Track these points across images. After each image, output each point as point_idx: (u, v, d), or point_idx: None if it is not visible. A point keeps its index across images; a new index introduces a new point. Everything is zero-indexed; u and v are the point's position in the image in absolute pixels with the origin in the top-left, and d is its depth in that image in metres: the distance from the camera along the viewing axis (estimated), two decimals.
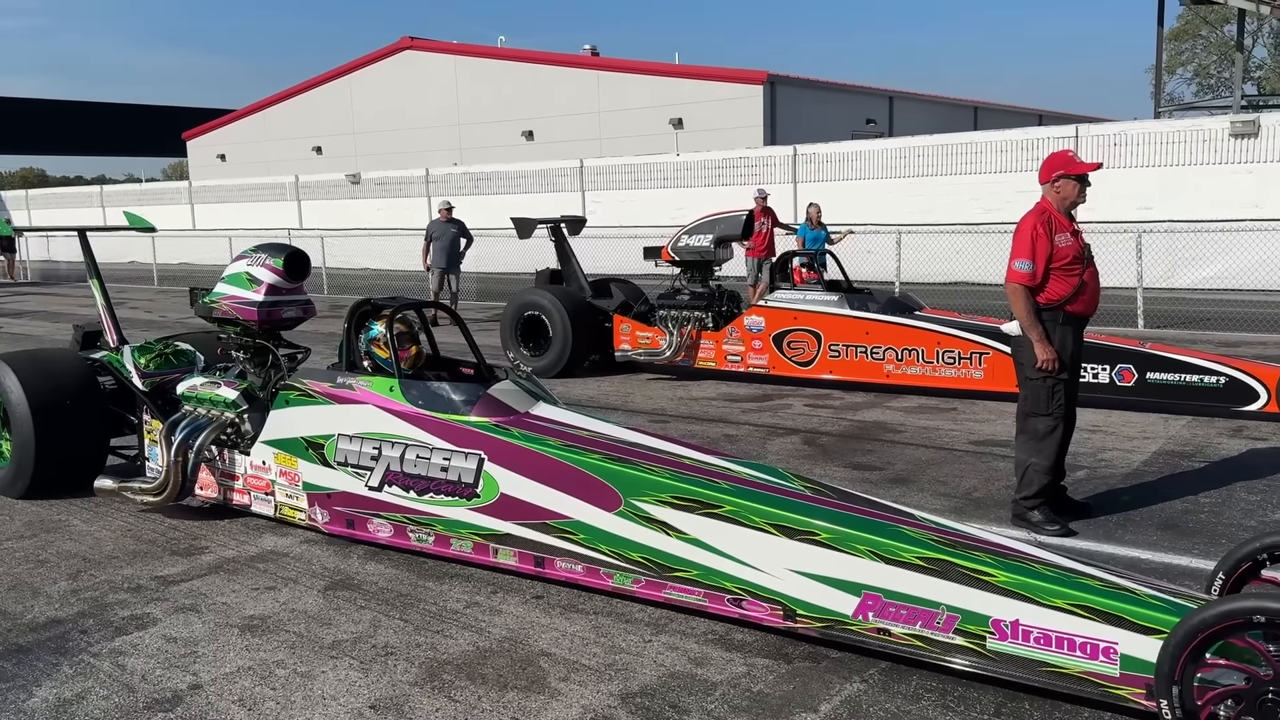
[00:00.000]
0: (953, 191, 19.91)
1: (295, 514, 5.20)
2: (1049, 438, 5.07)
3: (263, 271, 5.71)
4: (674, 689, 3.52)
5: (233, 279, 5.80)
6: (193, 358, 6.23)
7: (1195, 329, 12.07)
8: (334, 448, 4.96)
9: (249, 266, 5.77)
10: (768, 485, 4.12)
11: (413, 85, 36.71)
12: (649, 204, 23.75)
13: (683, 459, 4.38)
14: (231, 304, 5.73)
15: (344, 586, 4.55)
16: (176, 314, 16.63)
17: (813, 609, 3.69)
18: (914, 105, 36.78)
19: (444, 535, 4.66)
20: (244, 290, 5.71)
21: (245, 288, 5.71)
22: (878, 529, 3.68)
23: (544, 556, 4.38)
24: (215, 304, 5.82)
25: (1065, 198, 5.06)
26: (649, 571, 4.08)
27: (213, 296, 5.85)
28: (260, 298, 5.67)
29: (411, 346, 5.15)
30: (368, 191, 30.50)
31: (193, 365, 6.16)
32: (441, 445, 4.64)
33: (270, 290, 5.69)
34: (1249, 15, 28.60)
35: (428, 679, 3.63)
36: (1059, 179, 5.05)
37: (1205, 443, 6.80)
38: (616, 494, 4.16)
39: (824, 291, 9.36)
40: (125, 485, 5.61)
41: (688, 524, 3.98)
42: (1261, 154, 17.05)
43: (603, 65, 33.56)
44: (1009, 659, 3.30)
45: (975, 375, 8.29)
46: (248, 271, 5.75)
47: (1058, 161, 5.10)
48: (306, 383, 5.19)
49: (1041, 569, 3.38)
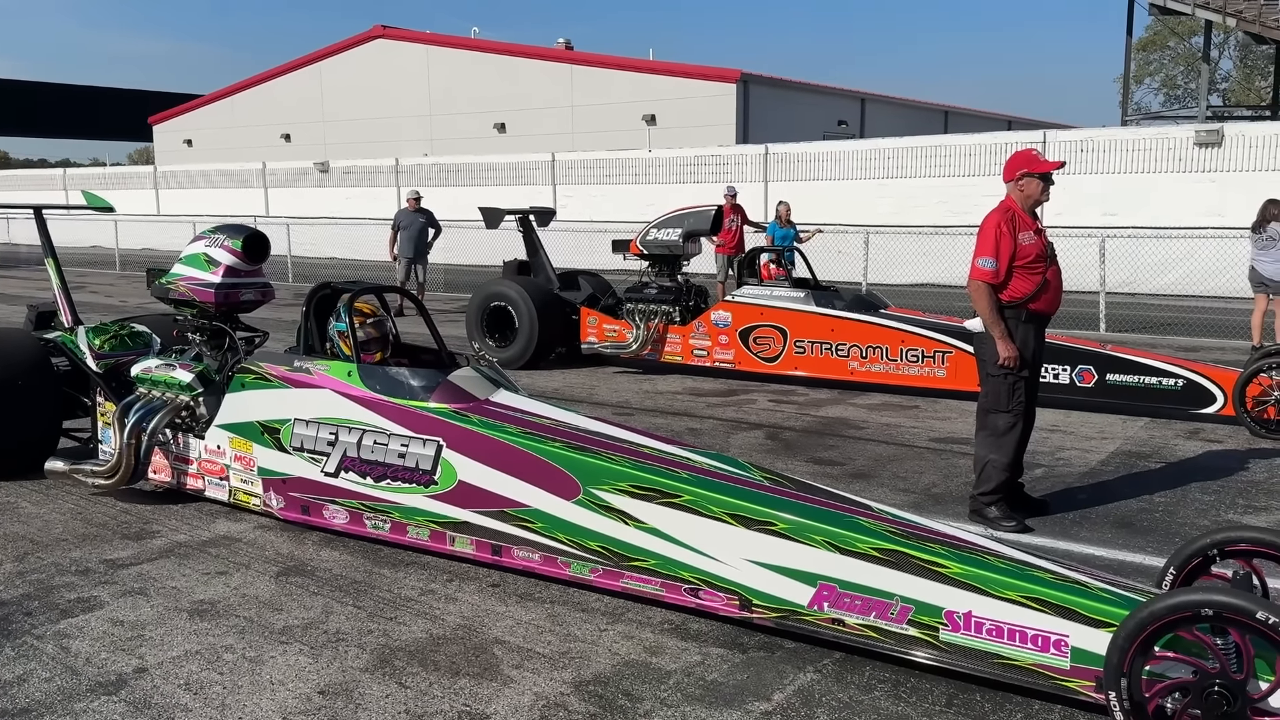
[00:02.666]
0: (922, 194, 20.05)
1: (250, 499, 5.13)
2: (1008, 434, 5.10)
3: (221, 253, 5.62)
4: (628, 677, 3.50)
5: (190, 260, 5.70)
6: (148, 340, 6.12)
7: (1156, 333, 12.22)
8: (290, 432, 4.90)
9: (207, 248, 5.68)
10: (726, 475, 4.10)
11: (384, 74, 36.42)
12: (621, 199, 23.71)
13: (643, 448, 4.35)
14: (188, 285, 5.63)
15: (297, 572, 4.49)
16: (137, 299, 16.38)
17: (769, 599, 3.68)
18: (885, 108, 36.99)
19: (400, 522, 4.60)
20: (201, 271, 5.62)
21: (203, 269, 5.62)
22: (834, 520, 3.68)
23: (501, 545, 4.34)
24: (172, 285, 5.72)
25: (1029, 196, 5.09)
26: (607, 561, 4.05)
27: (169, 277, 5.76)
28: (218, 279, 5.58)
29: (377, 352, 5.07)
30: (336, 180, 30.23)
31: (148, 347, 6.04)
32: (399, 431, 4.58)
33: (228, 272, 5.61)
34: (1215, 28, 29.02)
35: (379, 665, 3.58)
36: (1023, 177, 5.08)
37: (1162, 444, 6.87)
38: (575, 482, 4.12)
39: (791, 288, 9.38)
40: (76, 467, 5.52)
41: (646, 513, 3.95)
42: (1224, 163, 17.32)
43: (577, 59, 33.46)
44: (961, 650, 3.31)
45: (938, 374, 8.35)
46: (205, 253, 5.66)
47: (1022, 160, 5.12)
48: (263, 366, 5.11)
49: (994, 561, 3.39)
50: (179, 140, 44.17)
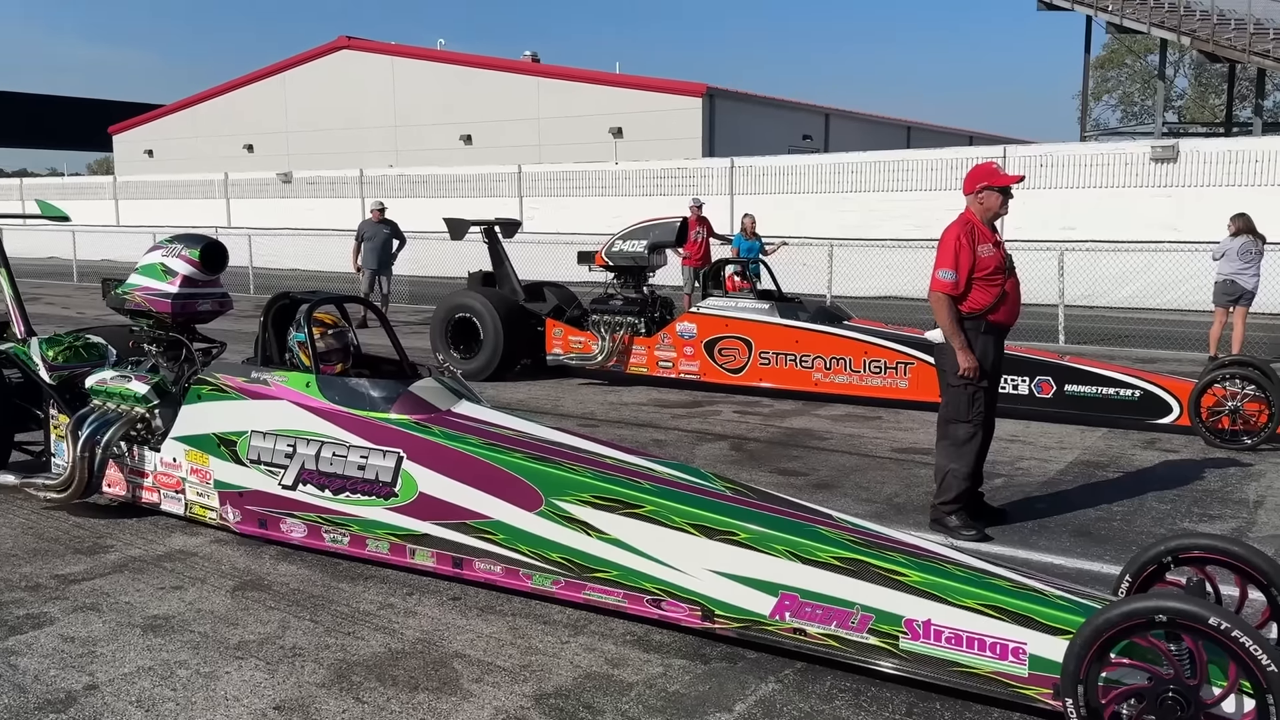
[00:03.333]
0: (885, 207, 20.23)
1: (206, 513, 5.05)
2: (968, 444, 5.14)
3: (178, 263, 5.55)
4: (589, 690, 3.48)
5: (147, 270, 5.62)
6: (103, 351, 6.01)
7: (1114, 345, 12.39)
8: (247, 445, 4.83)
9: (164, 257, 5.60)
10: (689, 485, 4.10)
11: (349, 85, 36.20)
12: (587, 212, 23.71)
13: (605, 459, 4.34)
14: (145, 295, 5.55)
15: (254, 587, 4.42)
16: (95, 310, 16.12)
17: (731, 609, 3.68)
18: (849, 123, 37.32)
19: (360, 535, 4.54)
20: (158, 281, 5.54)
21: (159, 279, 5.54)
22: (796, 529, 3.68)
23: (462, 557, 4.29)
24: (128, 295, 5.63)
25: (989, 209, 5.15)
26: (569, 572, 4.03)
27: (125, 288, 5.67)
28: (175, 289, 5.50)
29: (338, 364, 5.02)
30: (299, 191, 29.97)
31: (103, 359, 5.94)
32: (359, 443, 4.53)
33: (185, 282, 5.53)
34: (1171, 46, 29.60)
35: (336, 680, 3.53)
36: (983, 190, 5.14)
37: (1120, 454, 6.96)
38: (538, 493, 4.09)
39: (755, 300, 9.41)
40: (28, 481, 5.42)
41: (608, 524, 3.93)
42: (1180, 179, 17.64)
43: (543, 72, 33.47)
44: (921, 659, 3.31)
45: (900, 385, 8.40)
46: (162, 262, 5.58)
47: (982, 173, 5.18)
48: (220, 377, 5.05)
49: (953, 569, 3.42)
50: (139, 150, 43.61)
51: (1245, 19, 24.55)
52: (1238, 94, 31.44)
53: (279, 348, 5.11)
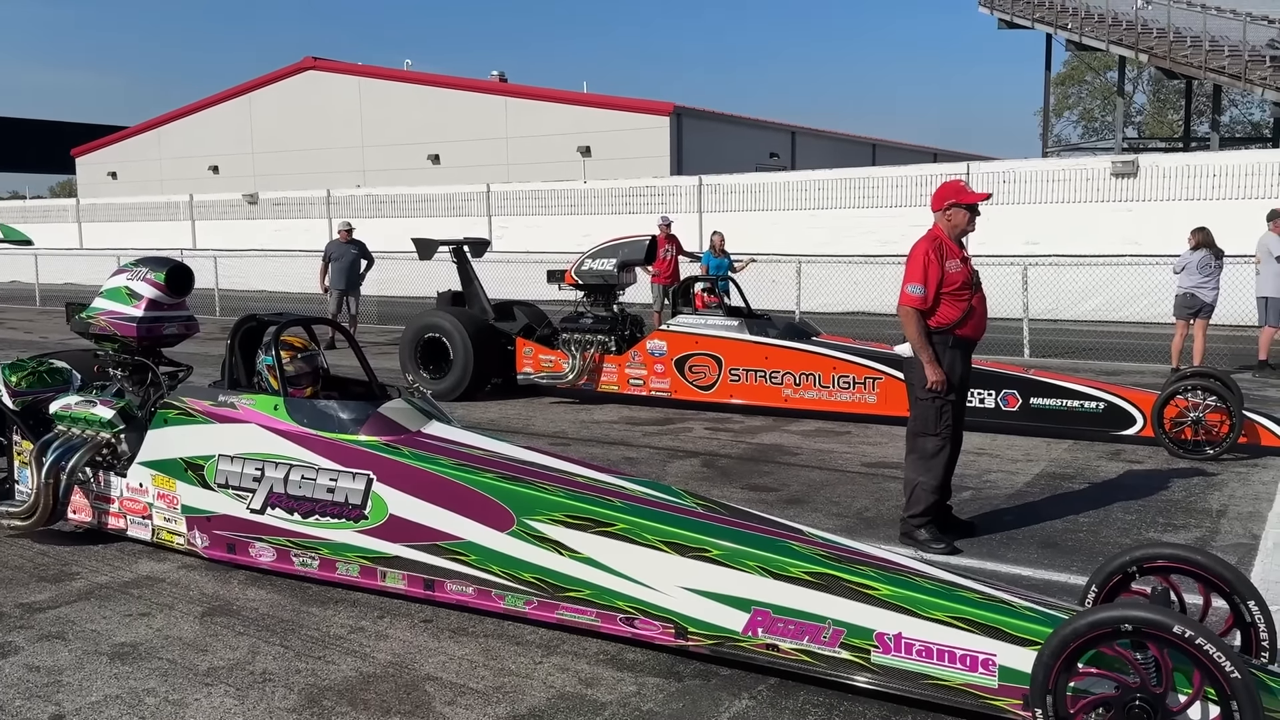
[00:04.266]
0: (851, 224, 20.43)
1: (174, 538, 4.99)
2: (937, 457, 5.20)
3: (143, 286, 5.50)
4: (563, 710, 3.47)
5: (111, 294, 5.57)
6: (68, 376, 5.89)
7: (1078, 358, 12.56)
8: (214, 469, 4.78)
9: (129, 280, 5.55)
10: (661, 503, 4.10)
11: (315, 106, 36.12)
12: (556, 230, 23.76)
13: (577, 477, 4.32)
14: (109, 319, 5.49)
15: (222, 613, 4.38)
16: (59, 335, 15.90)
17: (704, 626, 3.68)
18: (815, 141, 37.71)
19: (329, 559, 4.50)
20: (123, 305, 5.49)
21: (124, 302, 5.49)
22: (767, 545, 3.69)
23: (434, 579, 4.26)
24: (92, 320, 5.57)
25: (956, 225, 5.22)
26: (541, 592, 4.01)
27: (90, 312, 5.61)
28: (140, 313, 5.45)
29: (308, 387, 4.99)
30: (265, 212, 29.80)
31: (68, 384, 5.82)
32: (328, 465, 4.50)
33: (151, 305, 5.48)
34: (1129, 63, 30.17)
35: (307, 705, 3.50)
36: (950, 207, 5.21)
37: (1085, 465, 7.06)
38: (509, 513, 4.08)
39: (725, 316, 9.46)
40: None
41: (581, 543, 3.93)
42: (1140, 193, 17.96)
43: (510, 91, 33.57)
44: (892, 672, 3.33)
45: (869, 400, 8.47)
46: (127, 286, 5.53)
47: (949, 191, 5.25)
48: (186, 401, 5.00)
49: (922, 582, 3.44)
50: (103, 173, 43.23)
51: (1201, 36, 25.09)
52: (1195, 109, 32.10)
53: (246, 371, 5.07)
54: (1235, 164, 17.37)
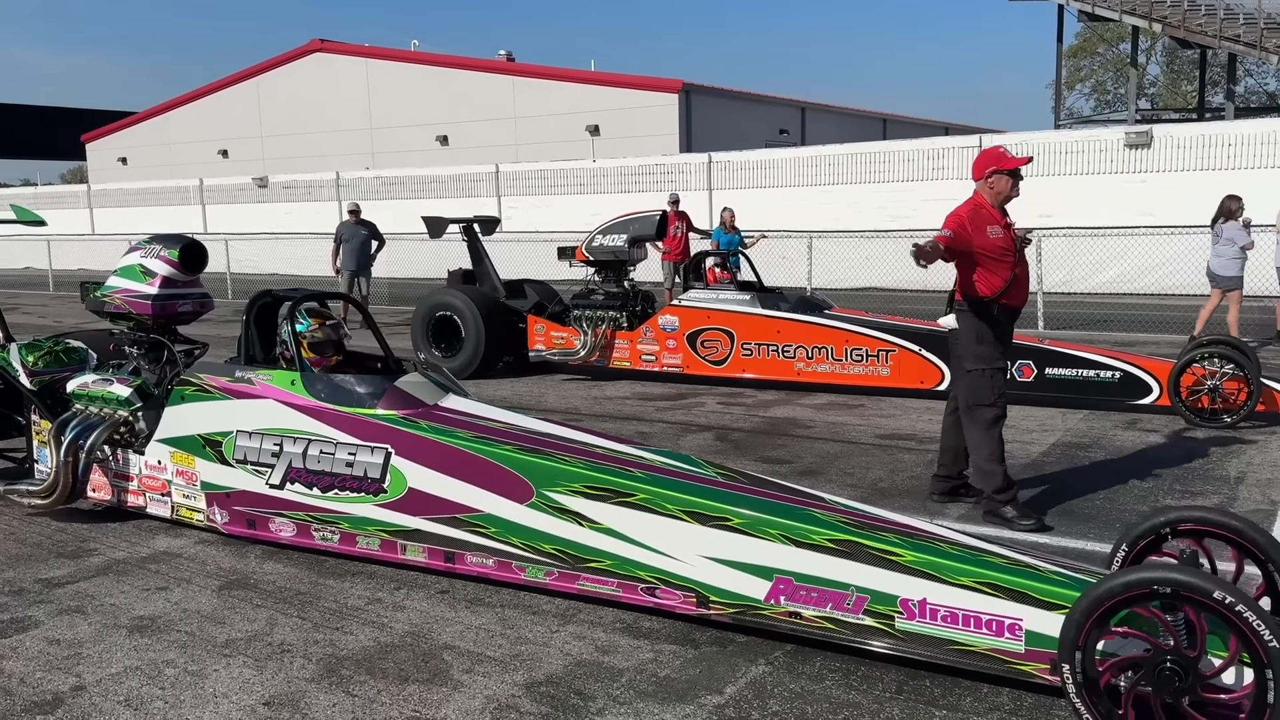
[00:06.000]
0: (862, 199, 20.31)
1: (193, 515, 5.01)
2: (995, 426, 5.07)
3: (157, 263, 5.48)
4: (580, 677, 3.48)
5: (125, 271, 5.55)
6: (84, 356, 5.90)
7: (1092, 330, 12.49)
8: (232, 445, 4.79)
9: (142, 258, 5.53)
10: (680, 472, 4.08)
11: (323, 88, 36.05)
12: (565, 209, 23.69)
13: (595, 448, 4.31)
14: (124, 298, 5.49)
15: (240, 586, 4.40)
16: (73, 319, 15.98)
17: (725, 595, 3.67)
18: (825, 116, 37.45)
19: (350, 533, 4.52)
20: (137, 283, 5.47)
21: (138, 280, 5.48)
22: (788, 513, 3.67)
23: (454, 551, 4.27)
24: (107, 298, 5.56)
25: (1000, 193, 5.09)
26: (562, 563, 4.01)
27: (104, 290, 5.60)
28: (154, 290, 5.43)
29: (333, 356, 4.99)
30: (275, 195, 29.81)
31: (84, 363, 5.83)
32: (346, 440, 4.50)
33: (165, 283, 5.46)
34: (1142, 34, 29.83)
35: (325, 675, 3.52)
36: (992, 175, 5.08)
37: (1101, 434, 7.02)
38: (528, 485, 4.08)
39: (736, 291, 9.43)
40: (12, 488, 5.38)
41: (601, 513, 3.92)
42: (1154, 164, 17.79)
43: (518, 71, 33.42)
44: (917, 638, 3.33)
45: (882, 373, 8.43)
46: (141, 263, 5.52)
47: (990, 158, 5.13)
48: (203, 377, 4.99)
49: (947, 548, 3.42)
50: (113, 158, 43.31)
51: (1215, 4, 24.78)
52: (1210, 79, 31.74)
53: (263, 346, 5.06)
54: (1251, 133, 17.18)
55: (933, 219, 20.37)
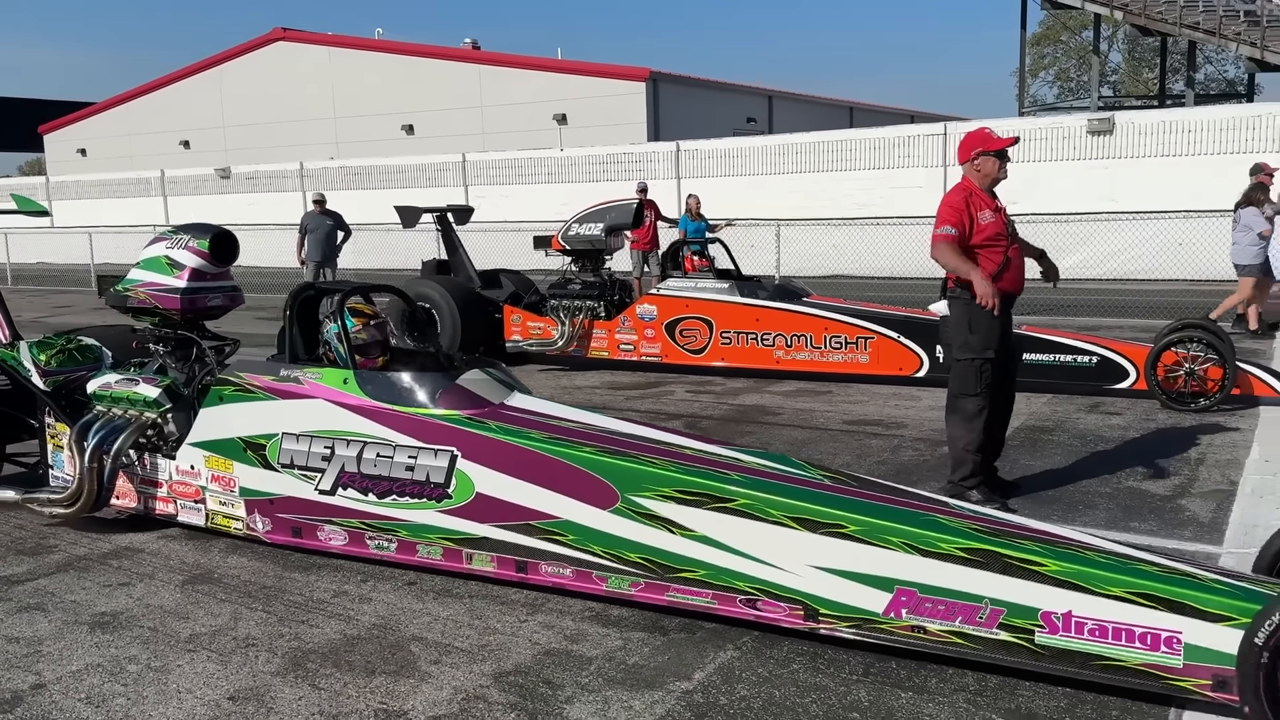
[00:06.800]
0: (829, 187, 20.40)
1: (230, 523, 4.70)
2: (978, 418, 5.03)
3: (185, 255, 5.13)
4: (548, 666, 3.47)
5: (150, 264, 5.20)
6: (99, 354, 5.54)
7: (1058, 315, 12.60)
8: (277, 448, 4.49)
9: (169, 249, 5.17)
10: (784, 476, 3.83)
11: (286, 77, 35.65)
12: (533, 199, 23.62)
13: (685, 450, 4.05)
14: (149, 291, 5.13)
15: (204, 580, 4.35)
16: (31, 313, 15.72)
17: (838, 608, 3.42)
18: (792, 104, 37.55)
19: (409, 541, 4.23)
20: (164, 276, 5.12)
21: (165, 273, 5.13)
22: (912, 519, 3.43)
23: (527, 561, 3.99)
24: (130, 292, 5.20)
25: (986, 175, 5.02)
26: (649, 573, 3.74)
27: (127, 284, 5.24)
28: (183, 284, 5.08)
29: (379, 356, 4.69)
30: (238, 186, 29.47)
31: (99, 362, 5.48)
32: (406, 442, 4.21)
33: (194, 275, 5.12)
34: (1105, 21, 30.13)
35: (291, 668, 3.49)
36: (978, 157, 5.01)
37: (1064, 418, 7.10)
38: (613, 490, 3.80)
39: (715, 279, 9.41)
40: (30, 496, 5.01)
41: (695, 520, 3.65)
42: (1116, 150, 18.00)
43: (484, 59, 33.22)
44: (1060, 653, 3.10)
45: (861, 360, 8.45)
46: (167, 255, 5.15)
47: (976, 140, 5.04)
48: (244, 377, 4.67)
49: (1095, 556, 3.20)
50: (72, 150, 42.61)
51: None
52: (1170, 67, 32.15)
53: (306, 343, 4.78)
54: (1211, 119, 17.42)
55: (899, 207, 20.58)
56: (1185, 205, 15.04)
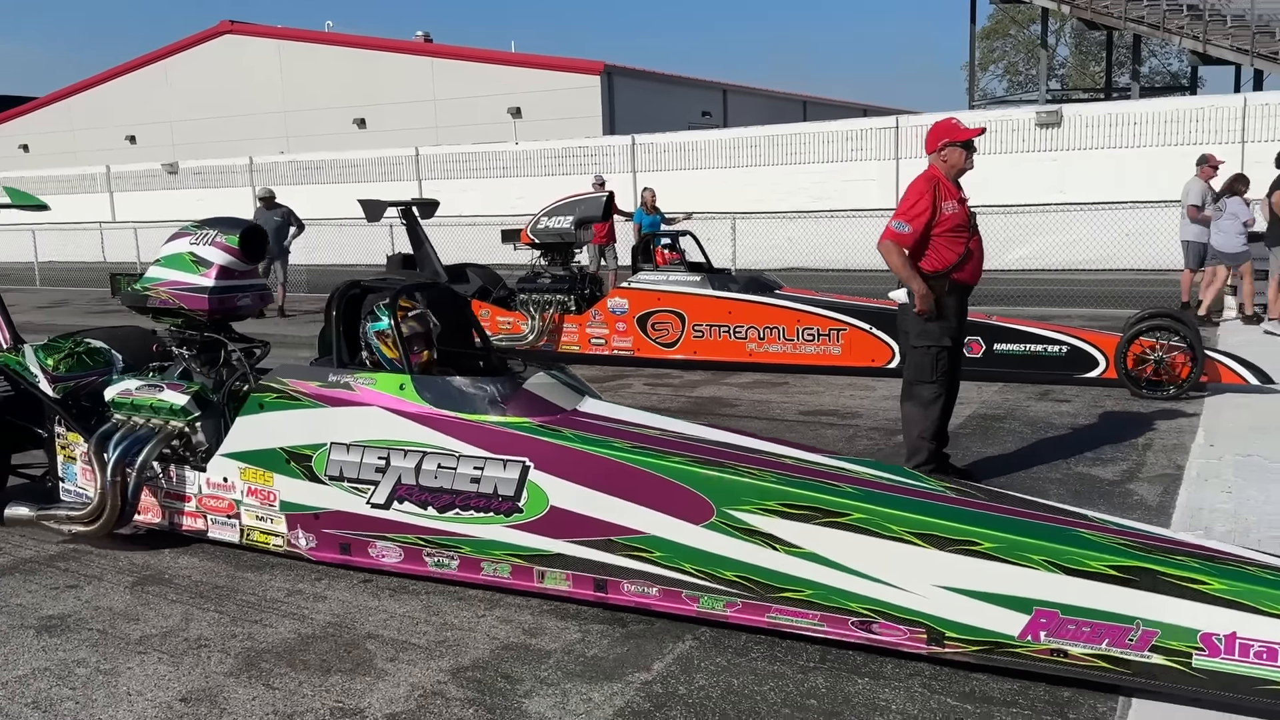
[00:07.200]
0: (785, 180, 20.50)
1: (268, 539, 4.41)
2: (933, 405, 5.11)
3: (212, 251, 4.81)
4: (507, 660, 3.46)
5: (172, 261, 4.87)
6: (109, 357, 5.20)
7: (1008, 305, 12.78)
8: (325, 459, 4.18)
9: (193, 245, 4.86)
10: (901, 487, 3.59)
11: (234, 71, 35.05)
12: (489, 193, 23.47)
13: (785, 459, 3.82)
14: (173, 291, 4.81)
15: (154, 581, 4.28)
16: None
17: (967, 630, 3.18)
18: (747, 98, 37.62)
19: (472, 558, 3.97)
20: (189, 274, 4.80)
21: (190, 271, 4.80)
22: (1053, 534, 3.20)
23: (607, 579, 3.73)
24: (150, 291, 4.87)
25: (953, 165, 5.07)
26: (748, 593, 3.49)
27: (146, 282, 4.91)
28: (211, 282, 4.76)
29: (424, 351, 4.42)
30: (187, 181, 28.97)
31: (110, 366, 5.15)
32: (471, 452, 3.92)
33: (222, 273, 4.79)
34: (1052, 15, 30.57)
35: (244, 668, 3.44)
36: (945, 147, 5.06)
37: (1015, 406, 7.21)
38: (707, 503, 3.54)
39: (687, 272, 9.37)
40: (45, 513, 4.65)
41: (802, 536, 3.40)
42: (1064, 143, 18.27)
43: (437, 52, 32.91)
44: (1220, 677, 2.90)
45: (834, 351, 8.47)
46: (192, 251, 4.83)
47: (943, 130, 5.08)
48: (288, 382, 4.34)
49: (1260, 572, 3.00)
50: (13, 146, 41.54)
51: None
52: (1116, 60, 32.67)
53: (349, 346, 4.50)
54: (1155, 112, 17.74)
55: (852, 200, 20.63)
56: (1132, 196, 15.32)
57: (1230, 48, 22.55)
